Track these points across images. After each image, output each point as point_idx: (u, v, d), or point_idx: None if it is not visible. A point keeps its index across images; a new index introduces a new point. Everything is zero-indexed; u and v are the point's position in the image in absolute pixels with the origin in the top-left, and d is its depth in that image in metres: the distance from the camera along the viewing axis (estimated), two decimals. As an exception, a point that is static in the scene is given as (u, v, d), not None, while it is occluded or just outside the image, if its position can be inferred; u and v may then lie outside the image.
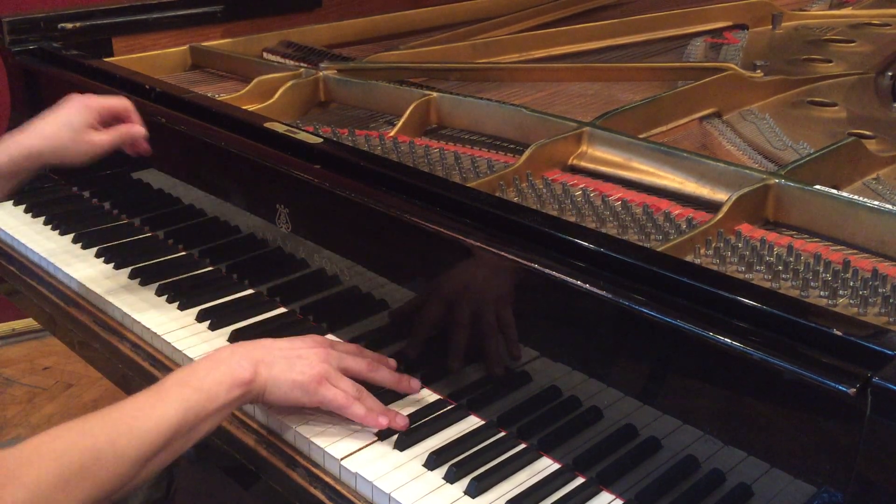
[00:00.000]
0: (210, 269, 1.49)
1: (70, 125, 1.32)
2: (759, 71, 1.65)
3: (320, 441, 1.08)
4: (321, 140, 1.33)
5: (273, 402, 1.07)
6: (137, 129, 1.36)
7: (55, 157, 1.33)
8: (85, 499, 0.89)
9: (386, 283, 1.22)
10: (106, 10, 1.89)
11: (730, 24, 2.06)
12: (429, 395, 1.16)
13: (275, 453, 1.11)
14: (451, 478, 1.02)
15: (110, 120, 1.37)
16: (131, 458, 0.92)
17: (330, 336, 1.29)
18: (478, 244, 1.07)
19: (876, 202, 1.11)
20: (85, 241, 1.58)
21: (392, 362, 1.17)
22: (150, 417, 0.95)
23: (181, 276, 1.46)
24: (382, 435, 1.09)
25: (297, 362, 1.07)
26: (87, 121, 1.33)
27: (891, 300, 0.96)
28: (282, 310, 1.37)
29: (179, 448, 0.98)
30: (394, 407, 1.13)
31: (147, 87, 1.58)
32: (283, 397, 1.06)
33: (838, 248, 1.10)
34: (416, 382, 1.16)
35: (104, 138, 1.34)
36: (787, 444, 0.86)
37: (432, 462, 1.04)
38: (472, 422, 1.11)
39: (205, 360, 1.05)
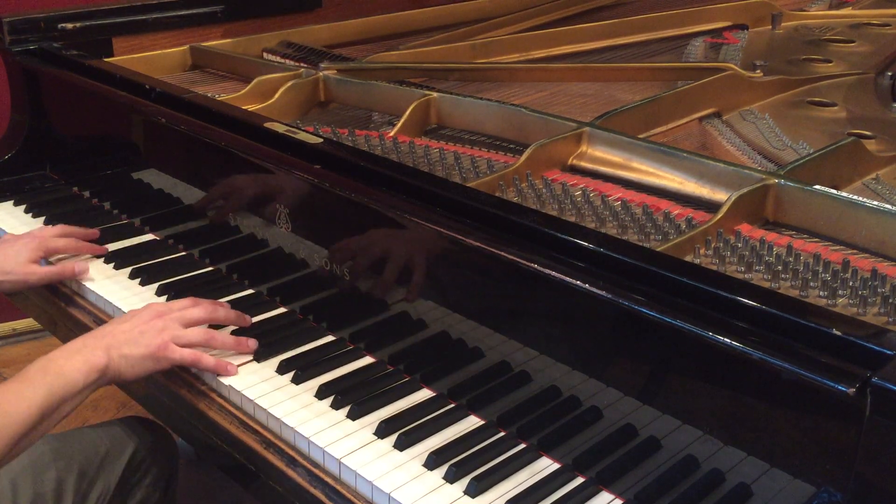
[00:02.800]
0: (210, 269, 1.49)
1: (17, 256, 1.44)
2: (758, 71, 1.65)
3: (320, 441, 1.08)
4: (321, 140, 1.33)
5: (130, 378, 1.18)
6: (79, 268, 1.47)
7: None
8: None
9: (385, 282, 1.21)
10: (106, 10, 1.88)
11: (730, 24, 2.06)
12: (428, 394, 1.16)
13: (275, 453, 1.11)
14: (450, 477, 1.02)
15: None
16: (5, 436, 1.04)
17: (329, 336, 1.29)
18: (478, 244, 1.07)
19: (875, 202, 1.11)
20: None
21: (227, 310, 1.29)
22: (19, 401, 1.07)
23: (181, 276, 1.46)
24: (382, 434, 1.09)
25: (140, 338, 1.18)
26: (34, 256, 1.45)
27: (890, 300, 0.96)
28: (282, 310, 1.37)
29: (44, 429, 1.09)
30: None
31: (147, 87, 1.58)
32: (139, 371, 1.18)
33: (838, 248, 1.10)
34: (248, 318, 1.30)
35: (41, 273, 1.45)
36: (787, 443, 0.86)
37: (432, 462, 1.04)
38: (472, 422, 1.12)
39: (61, 351, 1.15)
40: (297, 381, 1.19)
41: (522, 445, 1.07)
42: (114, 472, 1.36)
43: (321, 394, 1.16)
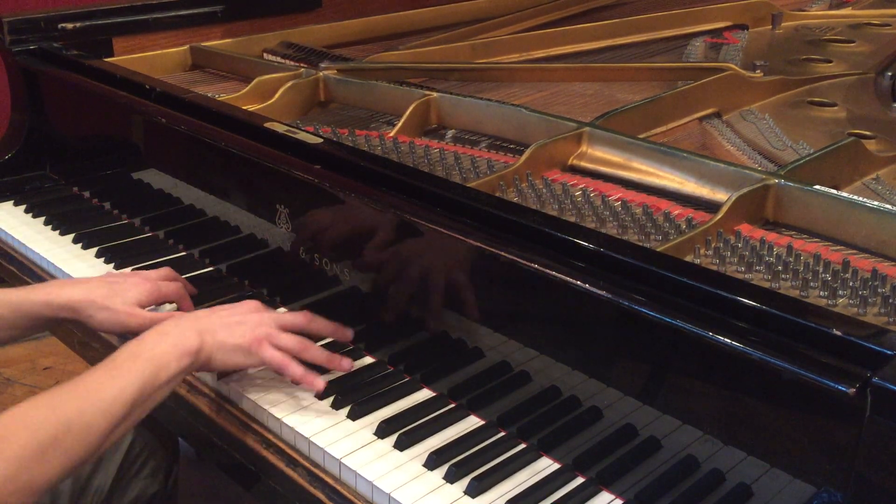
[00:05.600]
0: (210, 269, 1.49)
1: (124, 294, 1.24)
2: (758, 71, 1.65)
3: (320, 441, 1.08)
4: (321, 140, 1.33)
5: (218, 366, 1.13)
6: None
7: (89, 315, 1.23)
8: (59, 468, 0.95)
9: (385, 283, 1.21)
10: (106, 10, 1.88)
11: (730, 24, 2.06)
12: (428, 394, 1.16)
13: (275, 453, 1.11)
14: (451, 477, 1.02)
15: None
16: (99, 428, 0.98)
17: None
18: (478, 244, 1.07)
19: (875, 202, 1.11)
20: (85, 241, 1.58)
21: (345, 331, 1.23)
22: (111, 389, 1.00)
23: (181, 277, 1.46)
24: (382, 434, 1.09)
25: (236, 328, 1.13)
26: (144, 300, 1.25)
27: (890, 300, 0.96)
28: (282, 310, 1.37)
29: (137, 417, 1.03)
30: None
31: (147, 87, 1.58)
32: (228, 361, 1.13)
33: (838, 248, 1.10)
34: (349, 331, 1.22)
35: (144, 318, 1.23)
36: (787, 444, 0.86)
37: (432, 462, 1.04)
38: (472, 422, 1.12)
39: (152, 333, 1.09)
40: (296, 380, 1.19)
41: (522, 445, 1.07)
42: (112, 462, 1.36)
43: (321, 394, 1.16)
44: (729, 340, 0.87)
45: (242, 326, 1.13)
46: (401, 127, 1.49)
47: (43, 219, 1.68)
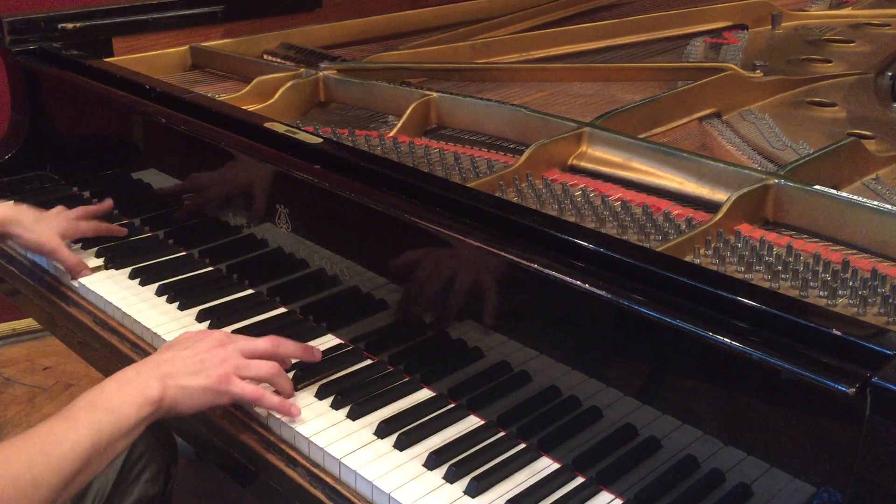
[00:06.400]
0: (210, 269, 1.49)
1: (49, 221, 1.51)
2: (758, 71, 1.65)
3: (320, 441, 1.08)
4: (321, 140, 1.33)
5: (187, 411, 1.08)
6: (83, 273, 1.49)
7: (15, 234, 1.49)
8: None
9: (386, 282, 1.22)
10: (106, 11, 1.89)
11: (730, 24, 2.06)
12: (428, 394, 1.16)
13: (275, 453, 1.11)
14: (450, 477, 1.02)
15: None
16: (49, 484, 0.94)
17: (329, 336, 1.29)
18: (478, 244, 1.07)
19: (875, 202, 1.11)
20: (85, 241, 1.58)
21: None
22: (63, 442, 0.96)
23: (181, 276, 1.46)
24: (382, 434, 1.09)
25: (200, 367, 1.09)
26: (64, 233, 1.51)
27: (890, 300, 0.96)
28: (282, 310, 1.37)
29: (96, 468, 1.00)
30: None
31: (147, 87, 1.58)
32: (196, 404, 1.08)
33: (838, 248, 1.10)
34: (318, 351, 1.21)
35: (65, 254, 1.49)
36: (787, 443, 0.86)
37: (432, 462, 1.04)
38: (472, 422, 1.12)
39: (112, 381, 1.05)
40: (297, 381, 1.19)
41: (522, 445, 1.07)
42: (112, 466, 1.36)
43: (321, 394, 1.16)
44: (729, 340, 0.87)
45: (206, 365, 1.09)
46: (401, 127, 1.49)
47: (43, 219, 1.68)
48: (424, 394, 1.17)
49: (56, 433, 0.98)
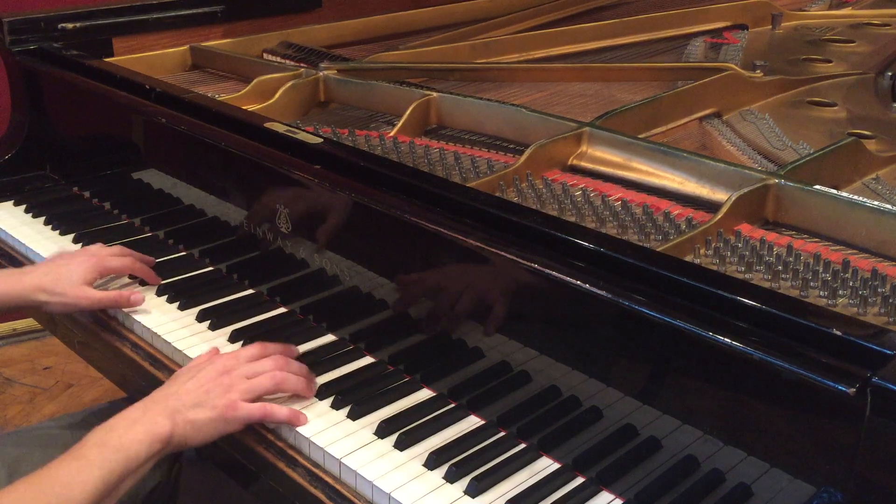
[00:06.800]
0: (210, 269, 1.49)
1: (70, 276, 1.34)
2: (758, 71, 1.65)
3: (320, 441, 1.08)
4: (321, 140, 1.33)
5: (199, 443, 1.09)
6: (135, 298, 1.37)
7: (43, 301, 1.35)
8: None
9: (386, 283, 1.22)
10: (106, 10, 1.89)
11: (730, 24, 2.06)
12: (428, 394, 1.16)
13: (275, 453, 1.11)
14: (451, 477, 1.02)
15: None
16: None
17: (329, 336, 1.29)
18: (478, 244, 1.07)
19: (875, 202, 1.11)
20: (85, 241, 1.58)
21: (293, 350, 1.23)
22: (76, 484, 0.98)
23: (181, 276, 1.46)
24: (382, 434, 1.09)
25: (206, 398, 1.09)
26: (89, 277, 1.36)
27: (890, 300, 0.96)
28: (282, 310, 1.37)
29: None
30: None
31: (147, 87, 1.58)
32: (207, 436, 1.09)
33: (838, 248, 1.10)
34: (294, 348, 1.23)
35: (95, 297, 1.35)
36: (787, 443, 0.86)
37: (432, 462, 1.04)
38: (472, 422, 1.12)
39: (121, 419, 1.06)
40: (297, 381, 1.19)
41: (522, 445, 1.07)
42: None
43: (321, 394, 1.16)
44: (729, 340, 0.87)
45: (212, 395, 1.10)
46: (401, 127, 1.49)
47: (43, 219, 1.68)
48: (424, 394, 1.17)
49: (66, 474, 0.99)
